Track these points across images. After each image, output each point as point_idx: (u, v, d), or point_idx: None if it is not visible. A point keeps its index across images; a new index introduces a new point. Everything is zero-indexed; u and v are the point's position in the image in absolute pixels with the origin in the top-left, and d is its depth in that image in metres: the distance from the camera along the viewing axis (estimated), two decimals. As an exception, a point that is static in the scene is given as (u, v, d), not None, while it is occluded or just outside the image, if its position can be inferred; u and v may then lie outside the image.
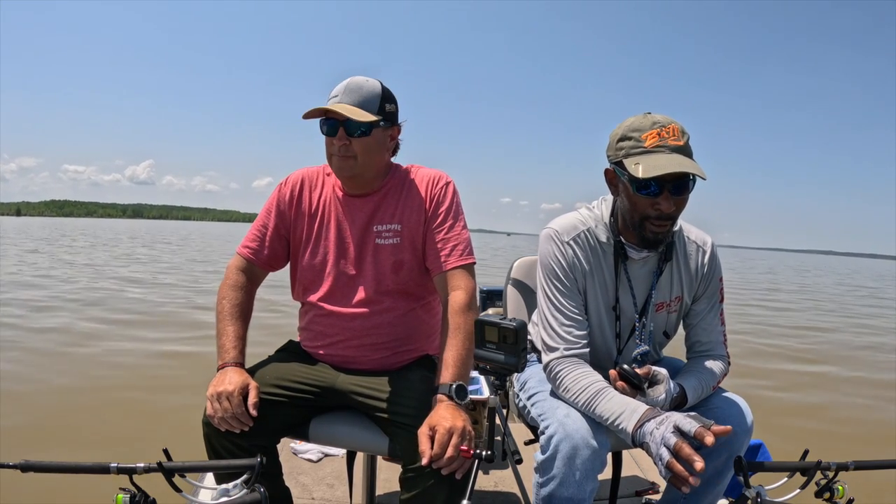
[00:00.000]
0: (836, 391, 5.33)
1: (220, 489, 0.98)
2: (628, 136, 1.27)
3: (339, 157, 1.38)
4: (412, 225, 1.44)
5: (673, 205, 1.26)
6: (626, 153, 1.26)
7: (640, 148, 1.24)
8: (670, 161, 1.21)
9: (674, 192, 1.25)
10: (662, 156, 1.22)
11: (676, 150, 1.23)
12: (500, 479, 2.22)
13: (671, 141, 1.24)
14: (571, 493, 1.23)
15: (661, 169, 1.19)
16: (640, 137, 1.25)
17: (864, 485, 1.35)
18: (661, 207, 1.26)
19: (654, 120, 1.26)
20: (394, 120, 1.42)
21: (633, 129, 1.27)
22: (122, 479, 0.94)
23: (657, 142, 1.23)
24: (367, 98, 1.35)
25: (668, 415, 1.16)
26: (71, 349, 5.24)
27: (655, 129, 1.24)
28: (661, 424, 1.14)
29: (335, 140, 1.36)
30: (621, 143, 1.28)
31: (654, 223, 1.28)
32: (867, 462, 1.13)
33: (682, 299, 1.46)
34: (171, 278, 11.83)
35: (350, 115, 1.31)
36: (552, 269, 1.39)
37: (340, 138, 1.35)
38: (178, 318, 7.10)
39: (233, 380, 1.26)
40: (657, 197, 1.25)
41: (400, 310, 1.46)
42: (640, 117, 1.28)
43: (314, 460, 2.34)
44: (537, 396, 1.44)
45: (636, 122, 1.28)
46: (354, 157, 1.37)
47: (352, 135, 1.35)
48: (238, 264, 1.51)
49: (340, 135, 1.35)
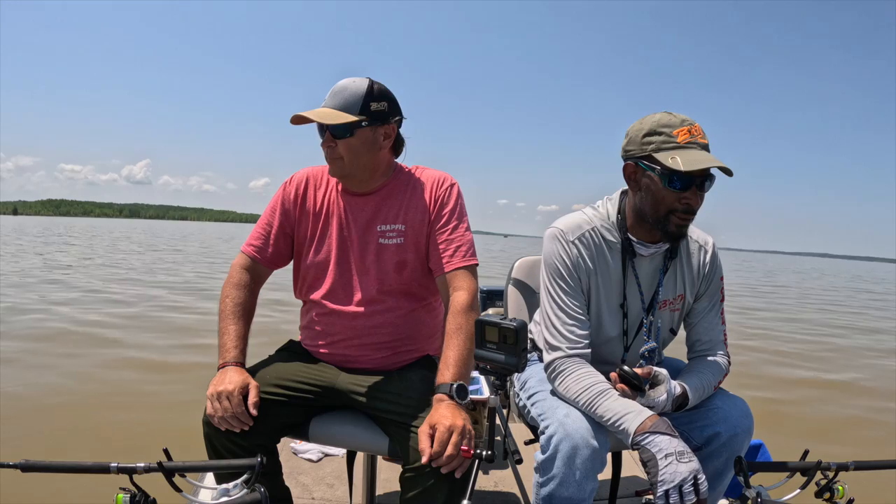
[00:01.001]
0: (836, 392, 5.34)
1: (221, 489, 0.98)
2: (658, 132, 1.28)
3: (328, 159, 1.43)
4: (416, 225, 1.45)
5: (699, 199, 1.30)
6: (656, 147, 1.28)
7: (673, 143, 1.27)
8: (706, 157, 1.24)
9: (700, 187, 1.29)
10: (696, 152, 1.25)
11: (704, 148, 1.27)
12: (500, 479, 2.22)
13: (700, 139, 1.27)
14: (571, 492, 1.23)
15: (701, 163, 1.22)
16: (671, 133, 1.27)
17: (864, 485, 1.35)
18: (689, 201, 1.29)
19: (682, 118, 1.29)
20: (382, 118, 1.40)
21: (662, 125, 1.28)
22: (122, 479, 0.94)
23: (689, 138, 1.26)
24: (348, 100, 1.37)
25: (688, 452, 1.13)
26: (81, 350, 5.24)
27: (686, 127, 1.27)
28: (682, 458, 1.12)
29: (322, 143, 1.41)
30: (650, 138, 1.29)
31: (680, 217, 1.31)
32: (867, 462, 1.13)
33: (684, 297, 1.47)
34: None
35: (320, 118, 1.34)
36: (556, 269, 1.40)
37: (326, 141, 1.39)
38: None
39: (233, 379, 1.26)
40: (685, 191, 1.28)
41: (402, 310, 1.46)
42: (666, 115, 1.30)
43: (314, 460, 2.34)
44: (537, 396, 1.44)
45: (664, 118, 1.29)
46: (341, 158, 1.40)
47: (337, 137, 1.38)
48: (242, 262, 1.51)
49: (326, 138, 1.39)
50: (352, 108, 1.36)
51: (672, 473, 1.10)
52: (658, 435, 1.15)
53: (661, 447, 1.13)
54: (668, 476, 1.10)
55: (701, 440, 1.35)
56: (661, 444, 1.14)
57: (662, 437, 1.15)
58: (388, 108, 1.41)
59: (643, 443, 1.16)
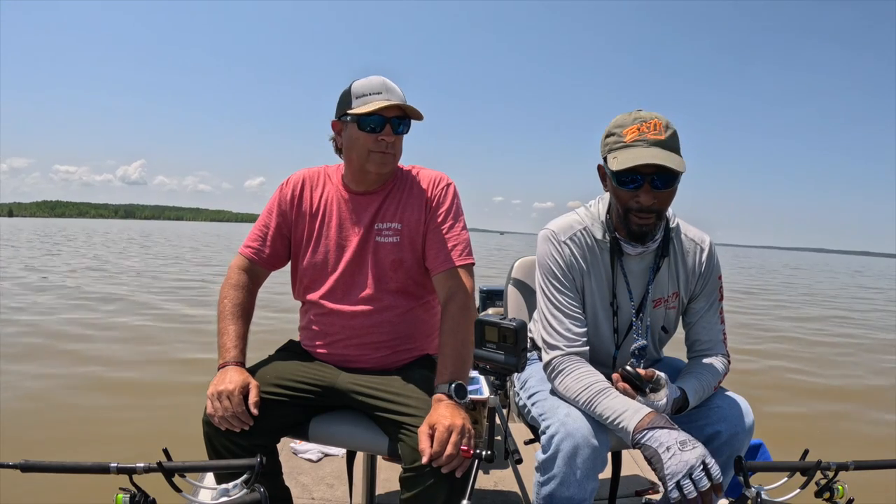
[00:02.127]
0: (836, 391, 5.33)
1: (220, 489, 0.98)
2: (612, 132, 1.31)
3: (382, 154, 1.40)
4: (412, 224, 1.46)
5: (654, 198, 1.28)
6: (609, 148, 1.30)
7: (621, 143, 1.28)
8: (644, 154, 1.24)
9: (655, 185, 1.27)
10: (638, 150, 1.25)
11: (656, 144, 1.25)
12: (500, 479, 2.22)
13: (650, 135, 1.26)
14: (572, 492, 1.23)
15: (633, 161, 1.23)
16: (621, 133, 1.28)
17: (864, 485, 1.35)
18: (640, 200, 1.29)
19: (637, 116, 1.29)
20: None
21: (616, 125, 1.30)
22: (121, 479, 0.94)
23: (636, 136, 1.26)
24: (402, 97, 1.40)
25: (691, 440, 1.12)
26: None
27: (636, 125, 1.27)
28: (686, 447, 1.10)
29: (382, 136, 1.38)
30: (607, 139, 1.32)
31: (637, 216, 1.31)
32: (867, 462, 1.13)
33: (678, 295, 1.47)
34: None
35: (413, 115, 1.39)
36: (550, 269, 1.41)
37: (387, 134, 1.38)
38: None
39: (233, 379, 1.26)
40: (637, 190, 1.28)
41: (400, 308, 1.46)
42: (624, 115, 1.31)
43: (314, 460, 2.34)
44: (538, 396, 1.44)
45: (622, 118, 1.31)
46: (394, 154, 1.42)
47: (397, 132, 1.40)
48: (240, 264, 1.52)
49: (387, 131, 1.38)
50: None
51: (678, 464, 1.08)
52: (657, 430, 1.15)
53: (661, 441, 1.13)
54: (674, 467, 1.08)
55: (701, 439, 1.34)
56: (660, 438, 1.13)
57: (661, 431, 1.14)
58: None
59: (643, 440, 1.15)
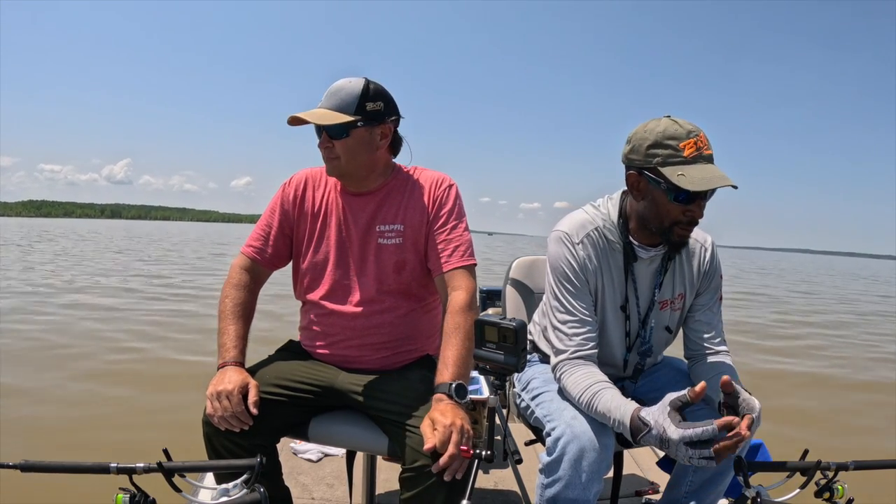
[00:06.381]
0: (835, 391, 5.33)
1: (220, 489, 0.98)
2: (663, 144, 1.25)
3: (325, 159, 1.43)
4: (415, 225, 1.45)
5: (702, 210, 1.30)
6: (663, 161, 1.25)
7: (680, 157, 1.24)
8: (714, 174, 1.22)
9: (704, 199, 1.29)
10: (703, 167, 1.23)
11: (710, 160, 1.26)
12: (500, 479, 2.22)
13: (706, 150, 1.25)
14: (577, 494, 1.22)
15: (710, 183, 1.21)
16: (677, 147, 1.24)
17: (864, 485, 1.34)
18: (693, 214, 1.28)
19: (688, 129, 1.25)
20: (378, 118, 1.41)
21: (668, 137, 1.25)
22: (121, 479, 0.94)
23: (695, 152, 1.24)
24: (344, 100, 1.37)
25: (670, 425, 1.10)
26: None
27: (692, 139, 1.24)
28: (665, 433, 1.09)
29: (319, 143, 1.42)
30: (655, 150, 1.26)
31: (684, 228, 1.31)
32: (867, 462, 1.13)
33: (684, 296, 1.47)
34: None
35: (316, 120, 1.35)
36: (563, 272, 1.39)
37: (323, 142, 1.41)
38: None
39: (233, 379, 1.26)
40: (690, 204, 1.27)
41: (401, 309, 1.46)
42: (670, 123, 1.27)
43: (314, 460, 2.34)
44: (543, 397, 1.44)
45: (670, 128, 1.26)
46: (338, 158, 1.41)
47: (333, 137, 1.39)
48: (242, 263, 1.52)
49: (323, 138, 1.40)
50: (347, 109, 1.36)
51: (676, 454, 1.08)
52: (645, 426, 1.14)
53: (653, 433, 1.12)
54: (677, 455, 1.08)
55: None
56: (653, 431, 1.12)
57: (649, 423, 1.13)
58: (384, 108, 1.41)
59: (643, 440, 1.15)
